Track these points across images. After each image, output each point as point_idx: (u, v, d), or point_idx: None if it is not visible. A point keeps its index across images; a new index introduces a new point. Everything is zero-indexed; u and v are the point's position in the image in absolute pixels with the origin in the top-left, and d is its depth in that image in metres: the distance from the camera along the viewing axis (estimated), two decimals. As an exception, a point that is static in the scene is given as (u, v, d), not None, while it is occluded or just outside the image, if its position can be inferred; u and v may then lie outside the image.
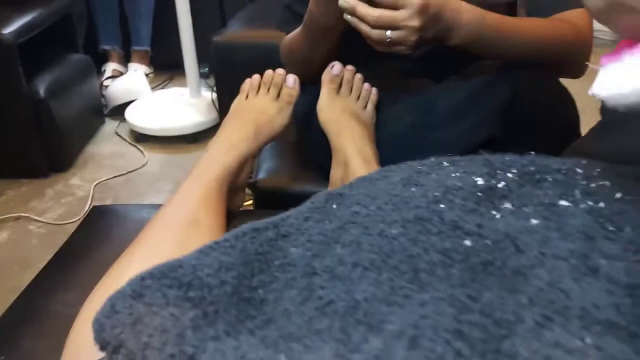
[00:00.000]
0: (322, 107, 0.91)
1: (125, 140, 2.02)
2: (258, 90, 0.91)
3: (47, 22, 1.80)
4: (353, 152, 0.85)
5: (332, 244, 0.28)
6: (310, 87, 0.93)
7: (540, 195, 0.30)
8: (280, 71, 0.90)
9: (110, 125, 2.13)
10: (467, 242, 0.29)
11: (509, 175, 0.33)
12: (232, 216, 0.80)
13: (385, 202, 0.31)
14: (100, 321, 0.25)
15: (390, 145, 0.91)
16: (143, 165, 1.86)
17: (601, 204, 0.29)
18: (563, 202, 0.29)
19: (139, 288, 0.27)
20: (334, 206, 0.32)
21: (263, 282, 0.26)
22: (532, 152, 0.36)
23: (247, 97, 0.91)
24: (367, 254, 0.27)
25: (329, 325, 0.23)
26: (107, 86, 2.26)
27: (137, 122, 1.98)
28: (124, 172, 1.82)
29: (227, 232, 0.31)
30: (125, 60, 2.50)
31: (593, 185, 0.31)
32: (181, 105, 2.03)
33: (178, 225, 0.65)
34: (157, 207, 0.93)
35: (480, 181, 0.33)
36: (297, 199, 0.68)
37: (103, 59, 2.43)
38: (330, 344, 0.22)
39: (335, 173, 0.89)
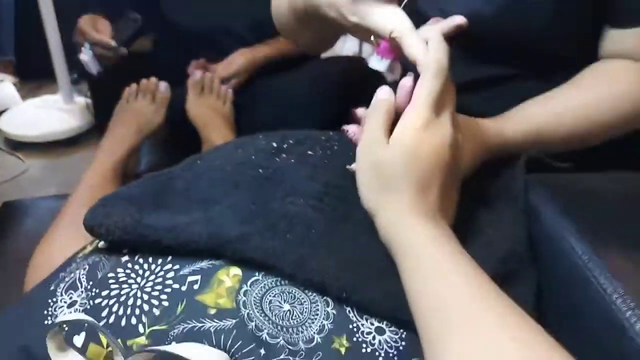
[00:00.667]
0: (190, 106, 1.17)
1: (1, 148, 2.10)
2: (137, 96, 1.14)
3: None
4: (218, 140, 1.11)
5: (198, 179, 0.55)
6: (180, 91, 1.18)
7: (300, 150, 0.59)
8: (153, 80, 1.15)
9: (-17, 136, 2.19)
10: (260, 171, 0.56)
11: (291, 141, 0.62)
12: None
13: (225, 157, 0.58)
14: (87, 217, 0.49)
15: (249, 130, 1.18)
16: (25, 171, 1.97)
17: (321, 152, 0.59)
18: (309, 152, 0.59)
19: (101, 202, 0.51)
20: (199, 162, 0.59)
21: (163, 194, 0.53)
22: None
23: (127, 101, 1.14)
24: (215, 179, 0.54)
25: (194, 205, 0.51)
26: (-27, 98, 2.30)
27: (14, 130, 2.08)
28: (8, 178, 1.92)
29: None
30: (-12, 71, 2.52)
31: (328, 145, 0.61)
32: (56, 111, 2.15)
33: (89, 200, 0.87)
34: (59, 197, 1.14)
35: (274, 144, 0.61)
36: None
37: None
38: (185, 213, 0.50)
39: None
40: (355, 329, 0.43)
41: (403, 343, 0.44)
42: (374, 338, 0.43)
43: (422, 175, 0.46)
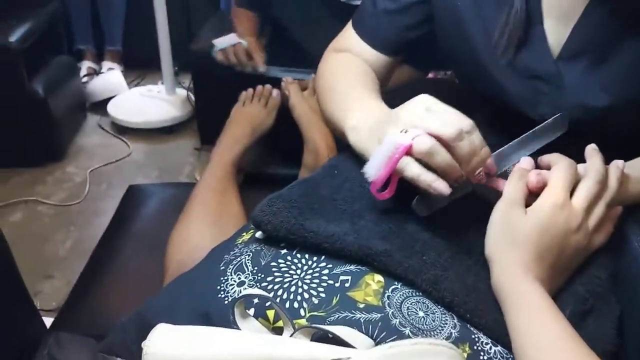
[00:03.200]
0: (294, 104, 1.26)
1: (109, 132, 2.30)
2: (252, 100, 1.26)
3: (44, 27, 2.05)
4: (321, 141, 1.20)
5: (340, 188, 0.64)
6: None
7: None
8: (268, 86, 1.26)
9: (92, 119, 2.40)
10: None
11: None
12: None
13: (357, 172, 0.67)
14: (256, 215, 0.60)
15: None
16: (129, 155, 2.15)
17: None
18: None
19: (268, 202, 0.62)
20: (336, 171, 0.68)
21: (314, 200, 0.62)
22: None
23: (243, 104, 1.26)
24: (356, 192, 0.63)
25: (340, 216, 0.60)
26: (84, 83, 2.52)
27: (121, 115, 2.27)
28: (114, 160, 2.11)
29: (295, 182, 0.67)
30: (98, 58, 2.75)
31: None
32: (159, 101, 2.32)
33: (215, 192, 1.00)
34: (178, 185, 1.27)
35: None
36: (277, 178, 0.99)
37: (78, 57, 2.67)
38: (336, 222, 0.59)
39: (307, 157, 1.23)
40: (476, 339, 0.52)
41: (511, 357, 0.52)
42: (490, 348, 0.52)
43: (544, 247, 0.54)
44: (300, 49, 1.43)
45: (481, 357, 0.51)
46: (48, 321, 0.90)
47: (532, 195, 0.58)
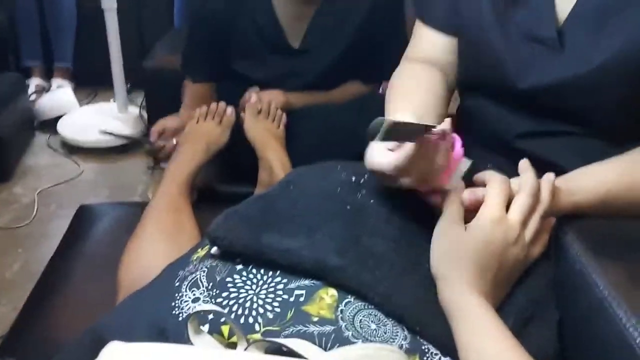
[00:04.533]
0: (248, 127, 1.27)
1: (59, 152, 2.24)
2: (206, 117, 1.26)
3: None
4: (275, 160, 1.21)
5: (296, 203, 0.65)
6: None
7: (376, 187, 0.69)
8: (222, 104, 1.26)
9: (40, 138, 2.33)
10: (348, 207, 0.66)
11: (366, 175, 0.72)
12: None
13: (313, 187, 0.68)
14: (212, 231, 0.60)
15: (299, 153, 1.28)
16: (79, 174, 2.10)
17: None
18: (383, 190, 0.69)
19: (224, 217, 0.62)
20: (292, 187, 0.69)
21: (271, 215, 0.63)
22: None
23: (197, 121, 1.25)
24: (312, 207, 0.64)
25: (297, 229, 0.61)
26: (33, 101, 2.45)
27: (71, 134, 2.22)
28: (63, 180, 2.05)
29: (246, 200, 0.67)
30: (47, 75, 2.68)
31: None
32: (110, 119, 2.28)
33: (169, 210, 0.98)
34: (130, 204, 1.25)
35: (353, 178, 0.71)
36: (231, 196, 1.00)
37: (25, 74, 2.59)
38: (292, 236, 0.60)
39: (263, 175, 1.24)
40: (425, 350, 0.54)
41: None
42: (439, 359, 0.53)
43: (485, 262, 0.57)
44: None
45: None
46: (-7, 348, 0.87)
47: (471, 212, 0.60)
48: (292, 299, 0.55)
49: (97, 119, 2.29)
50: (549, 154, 0.76)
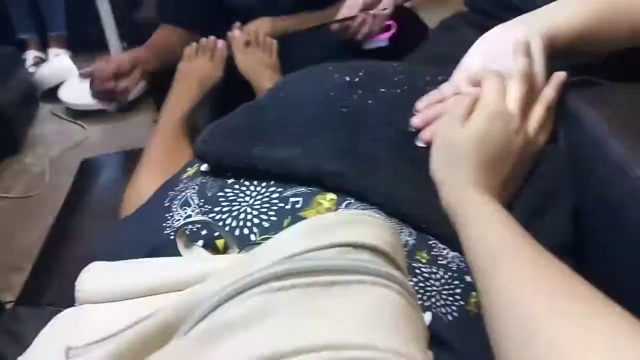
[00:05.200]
0: (240, 62, 1.21)
1: (64, 118, 2.22)
2: (197, 54, 1.20)
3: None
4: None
5: (286, 111, 0.61)
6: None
7: (373, 86, 0.64)
8: (211, 38, 1.20)
9: (45, 107, 2.31)
10: (344, 110, 0.62)
11: (360, 74, 0.67)
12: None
13: (304, 92, 0.64)
14: (198, 146, 0.56)
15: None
16: (86, 138, 2.09)
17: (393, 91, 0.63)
18: (382, 89, 0.63)
19: (210, 131, 0.58)
20: (281, 94, 0.64)
21: (260, 125, 0.59)
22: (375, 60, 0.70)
23: (189, 60, 1.20)
24: (304, 114, 0.60)
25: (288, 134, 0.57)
26: (32, 73, 2.42)
27: (73, 100, 2.19)
28: (71, 145, 2.04)
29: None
30: (43, 46, 2.64)
31: (395, 79, 0.65)
32: (111, 80, 2.24)
33: (165, 149, 0.95)
34: (130, 152, 1.22)
35: (347, 78, 0.66)
36: None
37: (21, 47, 2.56)
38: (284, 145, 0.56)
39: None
40: (433, 245, 0.50)
41: None
42: (447, 253, 0.50)
43: (488, 157, 0.52)
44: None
45: (440, 261, 0.49)
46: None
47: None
48: (288, 207, 0.51)
49: (97, 82, 2.24)
50: None
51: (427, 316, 0.42)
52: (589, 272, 0.54)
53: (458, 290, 0.46)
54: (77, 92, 2.22)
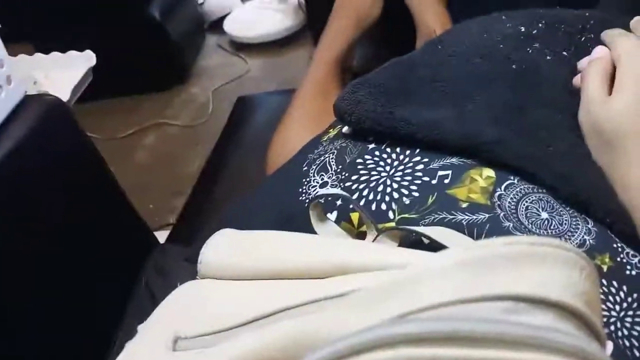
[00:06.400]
0: None
1: (228, 50, 2.30)
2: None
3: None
4: (436, 23, 1.05)
5: (443, 67, 0.52)
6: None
7: (553, 40, 0.52)
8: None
9: (211, 39, 2.41)
10: (513, 67, 0.51)
11: (540, 25, 0.55)
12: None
13: (468, 44, 0.54)
14: (337, 104, 0.51)
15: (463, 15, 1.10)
16: (247, 72, 2.14)
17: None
18: (564, 52, 0.51)
19: (352, 88, 0.52)
20: (439, 46, 0.55)
21: (409, 84, 0.51)
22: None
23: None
24: (463, 70, 0.51)
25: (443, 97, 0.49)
26: (201, 4, 2.52)
27: (237, 32, 2.25)
28: (234, 78, 2.11)
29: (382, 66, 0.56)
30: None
31: (583, 39, 0.52)
32: (272, 12, 2.26)
33: (316, 94, 0.91)
34: (284, 92, 1.21)
35: (522, 29, 0.55)
36: None
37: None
38: (435, 107, 0.48)
39: (421, 45, 1.10)
40: (620, 249, 0.39)
41: None
42: (638, 261, 0.39)
43: None
44: None
45: (627, 272, 0.38)
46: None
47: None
48: (434, 182, 0.44)
49: (258, 14, 2.28)
50: None
51: (609, 346, 0.33)
52: None
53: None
54: (241, 24, 2.28)
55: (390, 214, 0.43)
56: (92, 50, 0.92)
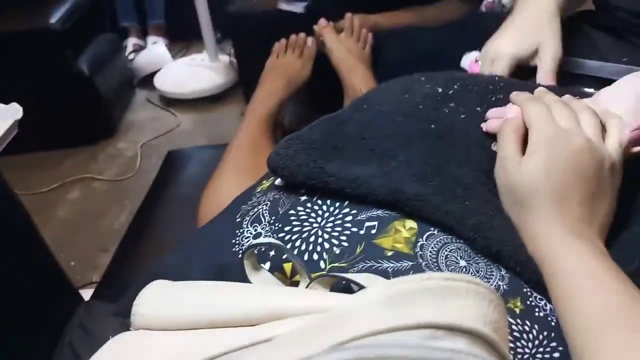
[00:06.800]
0: (332, 49, 1.16)
1: (158, 105, 2.29)
2: (286, 51, 1.18)
3: (85, 7, 2.05)
4: (363, 86, 1.11)
5: (369, 125, 0.56)
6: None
7: (467, 100, 0.58)
8: (302, 35, 1.18)
9: (140, 94, 2.40)
10: (432, 126, 0.56)
11: (455, 86, 0.60)
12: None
13: (391, 104, 0.58)
14: (271, 159, 0.53)
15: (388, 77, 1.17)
16: (178, 126, 2.14)
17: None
18: (477, 109, 0.57)
19: (285, 143, 0.55)
20: (365, 105, 0.60)
21: (338, 140, 0.54)
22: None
23: (277, 56, 1.18)
24: (387, 128, 0.55)
25: (369, 155, 0.52)
26: (131, 60, 2.52)
27: (167, 88, 2.25)
28: (163, 132, 2.10)
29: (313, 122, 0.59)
30: (143, 34, 2.74)
31: (493, 98, 0.58)
32: (203, 70, 2.29)
33: (248, 148, 0.94)
34: (214, 146, 1.22)
35: (439, 89, 0.60)
36: None
37: (122, 35, 2.67)
38: (363, 163, 0.51)
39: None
40: (529, 293, 0.43)
41: None
42: (545, 304, 0.43)
43: (557, 188, 0.45)
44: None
45: (536, 314, 0.42)
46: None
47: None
48: (362, 232, 0.47)
49: (189, 71, 2.30)
50: None
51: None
52: None
53: (556, 355, 0.39)
54: (172, 80, 2.29)
55: (322, 264, 0.45)
56: (19, 103, 0.90)
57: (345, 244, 0.46)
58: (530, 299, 0.42)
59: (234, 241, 0.51)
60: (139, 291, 0.52)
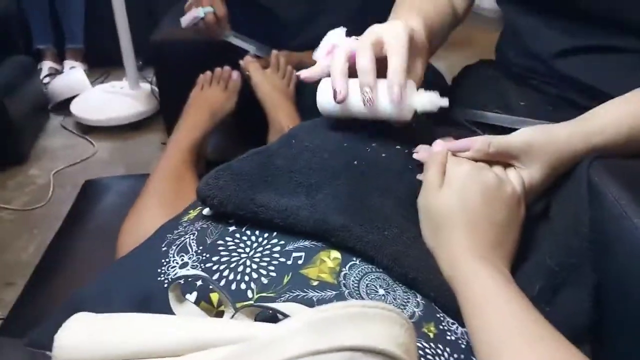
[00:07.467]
0: (257, 83, 1.19)
1: (73, 132, 2.21)
2: (210, 83, 1.19)
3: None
4: (287, 121, 1.14)
5: (297, 159, 0.58)
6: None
7: (389, 138, 0.62)
8: (227, 68, 1.19)
9: (55, 120, 2.30)
10: (355, 162, 0.59)
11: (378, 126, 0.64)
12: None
13: (318, 140, 0.61)
14: (200, 188, 0.54)
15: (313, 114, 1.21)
16: (94, 154, 2.07)
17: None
18: (397, 147, 0.61)
19: (214, 174, 0.56)
20: (293, 141, 0.62)
21: (268, 173, 0.56)
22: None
23: (202, 88, 1.19)
24: (314, 163, 0.57)
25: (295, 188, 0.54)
26: (46, 84, 2.42)
27: (85, 114, 2.18)
28: (78, 160, 2.02)
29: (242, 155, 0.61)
30: (59, 58, 2.65)
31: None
32: (123, 97, 2.24)
33: (171, 179, 0.93)
34: (133, 176, 1.20)
35: (363, 129, 0.64)
36: None
37: (37, 57, 2.57)
38: (290, 195, 0.53)
39: (273, 139, 1.18)
40: (441, 318, 0.47)
41: None
42: (457, 328, 0.47)
43: (469, 217, 0.50)
44: (265, 21, 1.36)
45: (448, 337, 0.45)
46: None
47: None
48: (289, 262, 0.49)
49: (108, 98, 2.25)
50: (591, 76, 0.69)
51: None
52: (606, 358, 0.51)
53: (466, 376, 0.42)
54: (89, 107, 2.22)
55: (249, 293, 0.46)
56: None
57: (273, 274, 0.48)
58: (443, 324, 0.46)
59: (159, 270, 0.51)
60: (56, 322, 0.51)
